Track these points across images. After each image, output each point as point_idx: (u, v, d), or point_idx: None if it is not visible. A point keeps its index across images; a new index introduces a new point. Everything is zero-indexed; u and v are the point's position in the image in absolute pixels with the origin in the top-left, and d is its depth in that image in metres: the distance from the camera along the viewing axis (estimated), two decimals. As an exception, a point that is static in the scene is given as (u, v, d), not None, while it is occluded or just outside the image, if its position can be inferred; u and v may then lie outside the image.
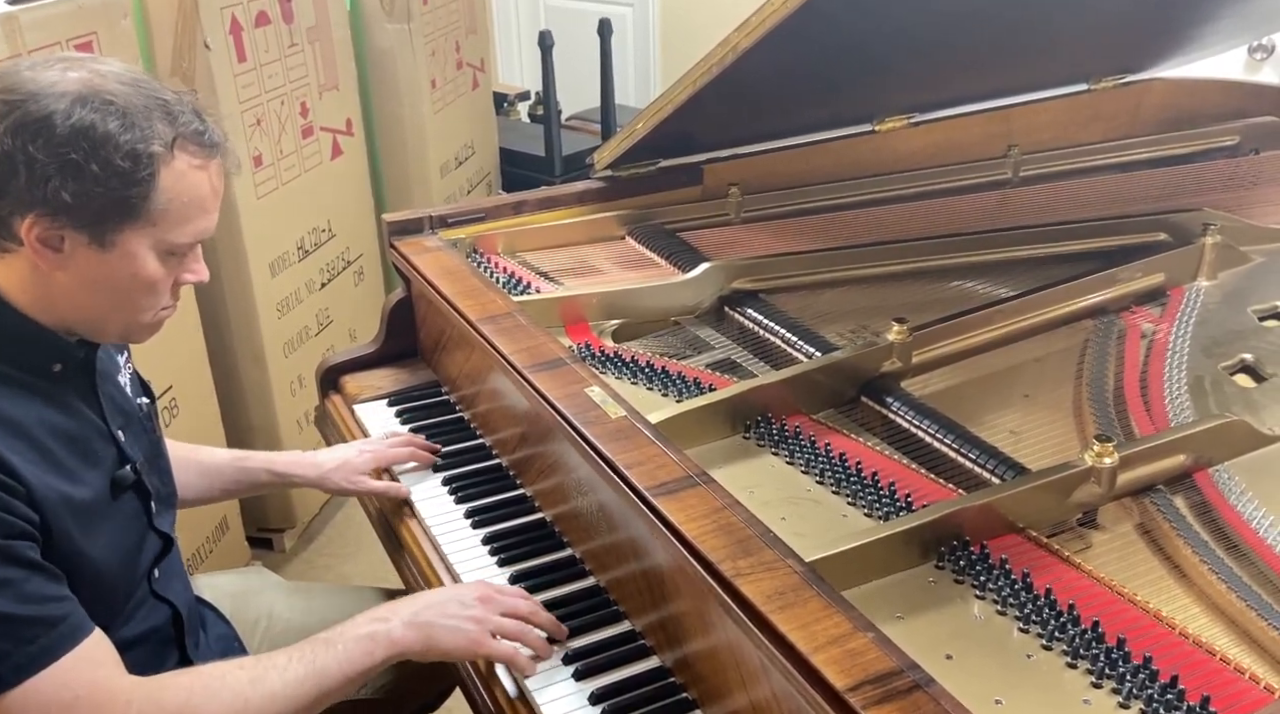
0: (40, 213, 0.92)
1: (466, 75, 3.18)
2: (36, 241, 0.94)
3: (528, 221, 1.74)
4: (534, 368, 1.28)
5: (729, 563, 0.95)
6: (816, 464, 1.21)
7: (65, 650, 0.93)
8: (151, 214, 0.96)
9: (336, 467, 1.41)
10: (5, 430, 0.95)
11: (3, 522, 0.91)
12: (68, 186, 0.91)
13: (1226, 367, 1.36)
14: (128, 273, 0.98)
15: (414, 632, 1.07)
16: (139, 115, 0.94)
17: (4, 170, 0.91)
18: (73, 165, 0.91)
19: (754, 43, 1.41)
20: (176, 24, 2.04)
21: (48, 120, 0.91)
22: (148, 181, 0.95)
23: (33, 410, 0.99)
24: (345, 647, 1.04)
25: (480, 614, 1.09)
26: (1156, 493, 1.12)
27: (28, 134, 0.90)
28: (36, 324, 0.99)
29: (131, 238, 0.96)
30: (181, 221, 0.99)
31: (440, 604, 1.10)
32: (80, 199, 0.92)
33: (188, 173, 0.98)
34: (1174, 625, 0.95)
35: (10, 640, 0.90)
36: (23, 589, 0.92)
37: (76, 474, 1.01)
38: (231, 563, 2.28)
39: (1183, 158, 2.04)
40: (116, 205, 0.94)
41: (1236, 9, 1.97)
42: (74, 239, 0.95)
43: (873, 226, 1.77)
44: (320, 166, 2.50)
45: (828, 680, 0.82)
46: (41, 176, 0.91)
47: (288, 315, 2.40)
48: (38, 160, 0.90)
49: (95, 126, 0.92)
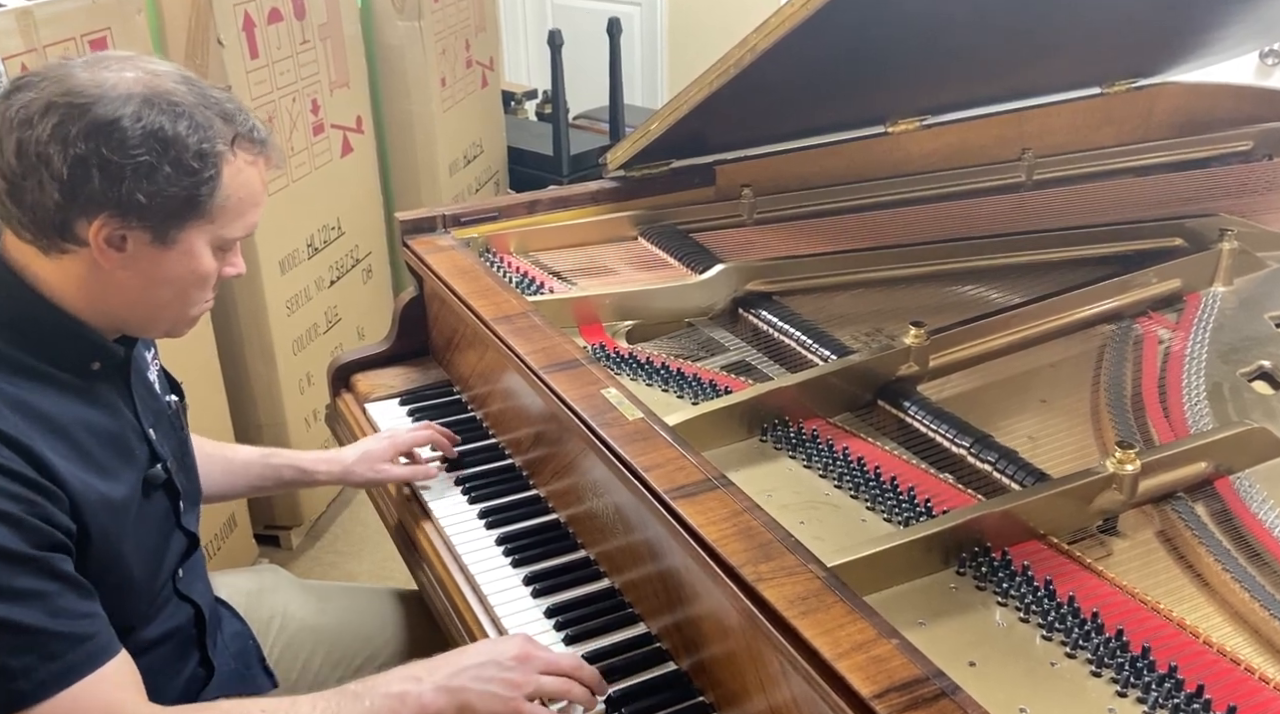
0: (111, 214, 0.93)
1: (476, 73, 3.18)
2: (103, 242, 0.95)
3: (540, 221, 1.74)
4: (550, 368, 1.27)
5: (750, 567, 0.94)
6: (834, 468, 1.21)
7: (91, 670, 0.92)
8: (212, 211, 0.98)
9: (359, 458, 1.41)
10: (46, 430, 0.94)
11: (41, 532, 0.90)
12: (141, 187, 0.93)
13: (1245, 373, 1.35)
14: (187, 269, 1.00)
15: (446, 697, 1.01)
16: (201, 115, 0.96)
17: (78, 174, 0.92)
18: (146, 167, 0.93)
19: (772, 44, 1.41)
20: (190, 20, 2.03)
21: (118, 123, 0.92)
22: (214, 179, 0.97)
23: (72, 409, 0.99)
24: (373, 702, 0.99)
25: (519, 678, 1.03)
26: (1177, 500, 1.12)
27: (101, 137, 0.91)
28: (80, 322, 1.00)
29: (192, 235, 0.98)
30: (238, 216, 1.01)
31: (477, 667, 1.03)
32: (154, 199, 0.94)
33: (244, 169, 1.00)
34: (1198, 634, 0.94)
35: (37, 655, 0.89)
36: (55, 603, 0.91)
37: (113, 472, 1.01)
38: (239, 560, 2.28)
39: (1196, 163, 2.04)
40: (186, 203, 0.96)
41: (1249, 14, 1.97)
42: (137, 238, 0.96)
43: (886, 229, 1.77)
44: (330, 164, 2.50)
45: (853, 687, 0.81)
46: (116, 178, 0.92)
47: (297, 313, 2.40)
48: (112, 163, 0.92)
49: (165, 128, 0.93)
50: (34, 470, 0.91)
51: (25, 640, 0.89)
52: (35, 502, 0.90)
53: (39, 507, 0.91)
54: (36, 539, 0.90)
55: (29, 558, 0.89)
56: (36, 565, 0.90)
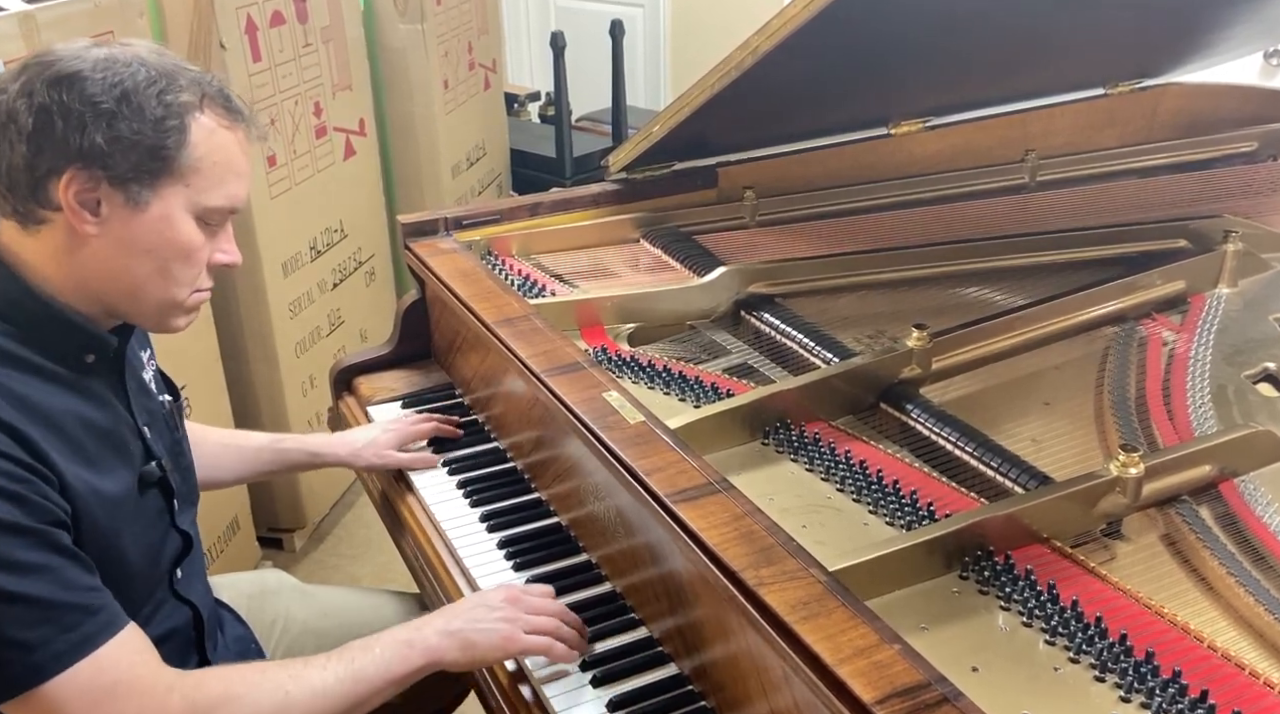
0: (78, 168, 0.94)
1: (478, 76, 3.18)
2: (74, 201, 0.95)
3: (542, 224, 1.73)
4: (551, 372, 1.27)
5: (751, 571, 0.94)
6: (836, 471, 1.20)
7: (106, 638, 0.93)
8: (183, 170, 0.98)
9: (366, 444, 1.45)
10: (39, 421, 0.95)
11: (42, 507, 0.92)
12: (103, 132, 0.93)
13: (1249, 375, 1.35)
14: (164, 237, 0.99)
15: (449, 639, 1.07)
16: (168, 74, 0.98)
17: (42, 122, 0.93)
18: (108, 113, 0.94)
19: (775, 45, 1.41)
20: (192, 23, 2.03)
21: (79, 74, 0.94)
22: (179, 131, 0.97)
23: (65, 402, 0.99)
24: (383, 651, 1.05)
25: (510, 614, 1.10)
26: (1181, 503, 1.11)
27: (63, 86, 0.93)
28: (71, 309, 1.00)
29: (167, 196, 0.98)
30: (214, 182, 1.00)
31: (468, 611, 1.11)
32: (114, 146, 0.94)
33: (217, 131, 1.00)
34: (1202, 639, 0.94)
35: (53, 627, 0.90)
36: (63, 575, 0.92)
37: (107, 468, 1.01)
38: (242, 563, 2.28)
39: (1200, 163, 2.03)
40: (151, 155, 0.96)
41: (1253, 14, 1.96)
42: (110, 200, 0.96)
43: (889, 231, 1.76)
44: (333, 167, 2.50)
45: (855, 693, 0.81)
46: (78, 125, 0.93)
47: (299, 315, 2.40)
48: (73, 111, 0.93)
49: (126, 79, 0.95)
50: (29, 456, 0.92)
51: (39, 614, 0.90)
52: (32, 481, 0.91)
53: (36, 485, 0.92)
54: (38, 514, 0.91)
55: (33, 530, 0.90)
56: (40, 538, 0.91)
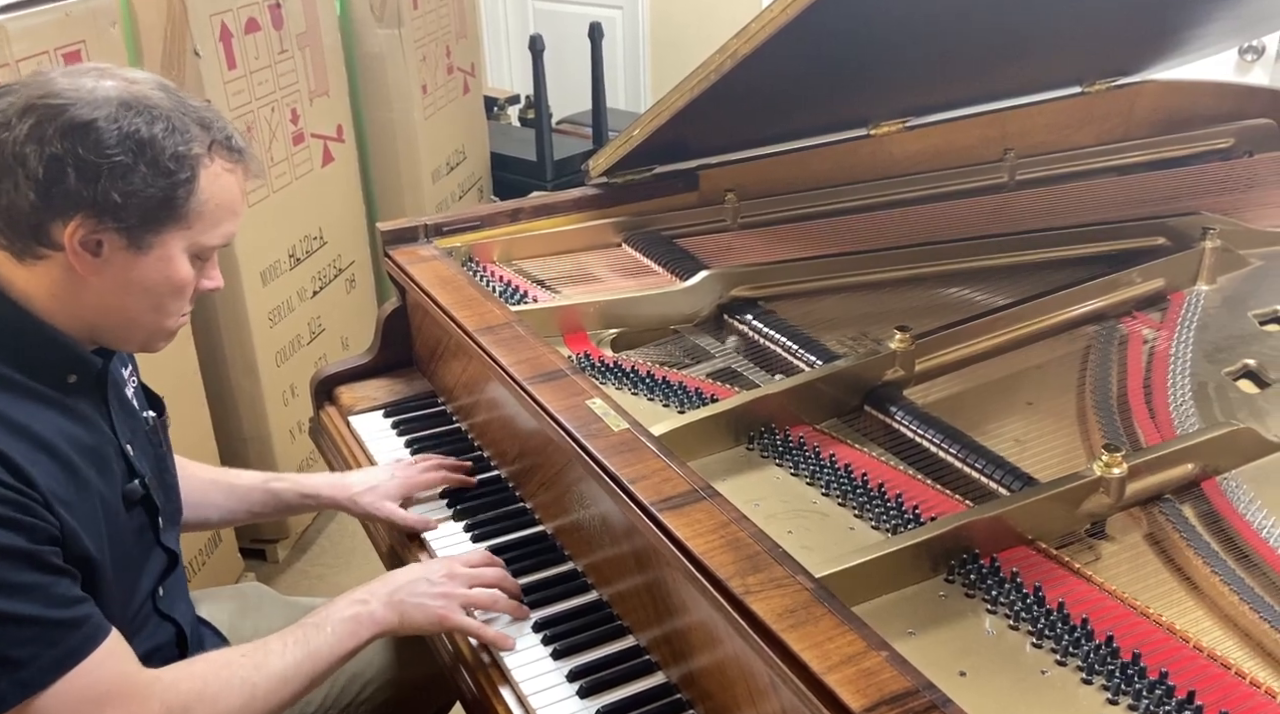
0: (86, 215, 0.93)
1: (457, 80, 3.17)
2: (78, 245, 0.94)
3: (523, 229, 1.72)
4: (535, 380, 1.26)
5: (738, 580, 0.94)
6: (822, 475, 1.20)
7: (91, 650, 0.94)
8: (189, 215, 0.99)
9: (366, 490, 1.37)
10: (23, 439, 0.94)
11: (30, 527, 0.92)
12: (117, 187, 0.93)
13: (1230, 372, 1.36)
14: (162, 276, 1.00)
15: (390, 611, 1.13)
16: (178, 120, 0.97)
17: (53, 173, 0.92)
18: (122, 167, 0.93)
19: (754, 48, 1.40)
20: (166, 31, 2.01)
21: (94, 124, 0.93)
22: (190, 183, 0.97)
23: (51, 421, 0.98)
24: (334, 629, 1.10)
25: (447, 589, 1.15)
26: (1164, 502, 1.11)
27: (77, 137, 0.92)
28: (56, 332, 0.99)
29: (168, 240, 0.98)
30: (215, 223, 1.01)
31: (411, 583, 1.15)
32: (129, 199, 0.94)
33: (222, 175, 1.01)
34: (1188, 639, 0.94)
35: (41, 644, 0.91)
36: (51, 593, 0.92)
37: (92, 486, 1.01)
38: (225, 574, 2.26)
39: (1177, 161, 2.04)
40: (161, 206, 0.96)
41: (1229, 11, 1.97)
42: (112, 243, 0.96)
43: (871, 232, 1.76)
44: (311, 173, 2.48)
45: (843, 701, 0.81)
46: (92, 178, 0.92)
47: (279, 324, 2.38)
48: (87, 163, 0.92)
49: (141, 130, 0.94)
50: (12, 476, 0.92)
51: (28, 632, 0.91)
52: (22, 502, 0.91)
53: (27, 505, 0.92)
54: (31, 535, 0.92)
55: (27, 553, 0.91)
56: (33, 560, 0.91)
